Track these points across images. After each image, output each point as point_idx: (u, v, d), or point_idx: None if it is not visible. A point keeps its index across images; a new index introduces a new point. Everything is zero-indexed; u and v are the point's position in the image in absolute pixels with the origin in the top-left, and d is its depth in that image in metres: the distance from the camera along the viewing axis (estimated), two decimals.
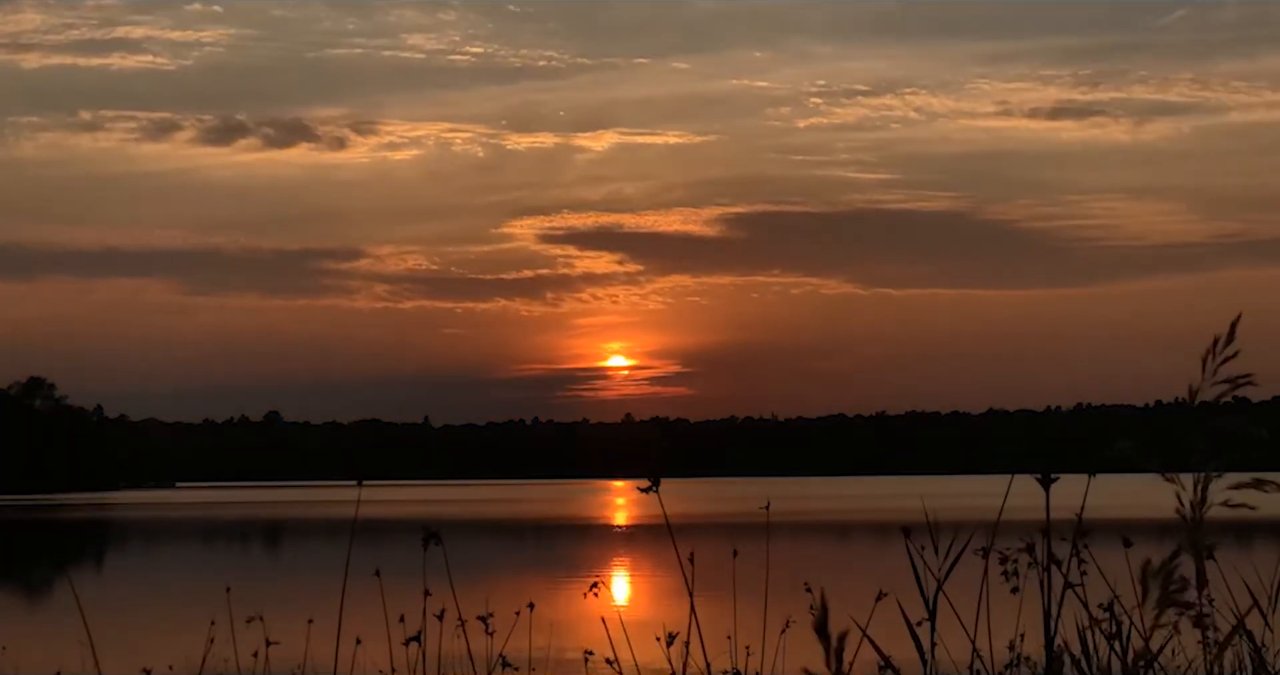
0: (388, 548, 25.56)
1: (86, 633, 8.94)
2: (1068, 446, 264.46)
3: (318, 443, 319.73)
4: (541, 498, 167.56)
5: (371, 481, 54.48)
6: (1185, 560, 2.77)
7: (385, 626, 8.50)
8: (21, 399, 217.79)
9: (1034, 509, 5.66)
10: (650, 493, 5.43)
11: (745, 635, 11.20)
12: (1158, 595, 2.35)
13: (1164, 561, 2.35)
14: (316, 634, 11.73)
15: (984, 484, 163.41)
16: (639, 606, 35.96)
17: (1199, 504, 3.28)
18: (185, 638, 19.81)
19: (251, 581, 46.29)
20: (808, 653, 10.84)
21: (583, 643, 10.45)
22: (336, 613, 7.47)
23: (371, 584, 8.42)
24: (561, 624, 26.97)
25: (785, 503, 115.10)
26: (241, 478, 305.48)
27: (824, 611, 2.43)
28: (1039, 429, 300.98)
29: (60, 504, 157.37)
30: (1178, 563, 2.36)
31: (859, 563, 53.74)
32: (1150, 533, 10.97)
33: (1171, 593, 2.33)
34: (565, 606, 33.04)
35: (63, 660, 21.09)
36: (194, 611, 30.92)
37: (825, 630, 2.32)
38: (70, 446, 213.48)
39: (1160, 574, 2.35)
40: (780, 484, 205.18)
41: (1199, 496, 3.29)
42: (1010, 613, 6.92)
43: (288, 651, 11.13)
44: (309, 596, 37.33)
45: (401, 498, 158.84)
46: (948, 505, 8.13)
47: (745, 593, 11.82)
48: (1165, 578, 2.34)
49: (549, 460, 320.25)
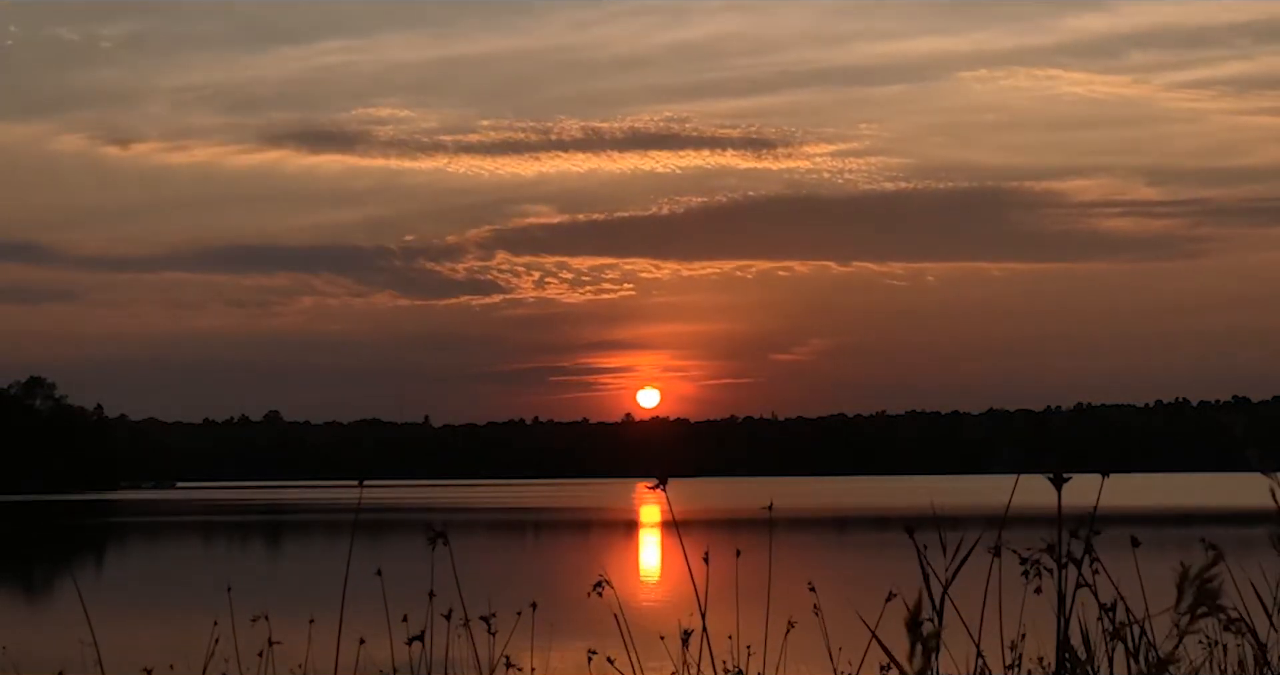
0: (390, 547, 25.60)
1: (90, 632, 8.94)
2: (1070, 447, 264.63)
3: (318, 443, 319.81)
4: (541, 498, 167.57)
5: (372, 481, 54.80)
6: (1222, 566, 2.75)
7: (388, 626, 8.49)
8: (21, 399, 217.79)
9: (1036, 508, 5.66)
10: (658, 490, 5.42)
11: (748, 635, 11.20)
12: (1191, 599, 2.32)
13: (1203, 566, 2.33)
14: (318, 634, 11.73)
15: (984, 484, 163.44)
16: (642, 606, 35.95)
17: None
18: (187, 638, 19.81)
19: (254, 581, 46.29)
20: (810, 653, 10.80)
21: (586, 642, 10.45)
22: (338, 612, 7.47)
23: (373, 583, 8.41)
24: (564, 624, 26.96)
25: (787, 502, 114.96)
26: (241, 478, 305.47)
27: (917, 610, 2.42)
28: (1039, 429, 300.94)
29: (60, 504, 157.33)
30: (1218, 569, 2.33)
31: (863, 563, 53.73)
32: (1153, 533, 10.97)
33: (1208, 598, 2.31)
34: (568, 606, 33.03)
35: (64, 660, 21.09)
36: (196, 611, 30.95)
37: (918, 627, 2.31)
38: (70, 446, 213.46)
39: (1197, 579, 2.33)
40: (780, 484, 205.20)
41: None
42: (1013, 612, 6.91)
43: (290, 651, 11.13)
44: (311, 596, 37.33)
45: (402, 498, 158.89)
46: (952, 504, 8.14)
47: (747, 593, 11.81)
48: (1201, 583, 2.32)
49: (549, 460, 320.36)
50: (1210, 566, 2.30)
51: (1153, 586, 6.44)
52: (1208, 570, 2.27)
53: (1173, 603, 2.42)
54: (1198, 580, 2.25)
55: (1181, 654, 6.16)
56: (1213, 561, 2.32)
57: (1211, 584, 2.28)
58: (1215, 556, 2.45)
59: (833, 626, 9.29)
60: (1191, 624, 2.33)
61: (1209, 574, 2.27)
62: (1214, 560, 2.33)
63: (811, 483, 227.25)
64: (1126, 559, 6.63)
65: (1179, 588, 2.32)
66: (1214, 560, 2.33)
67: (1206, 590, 2.26)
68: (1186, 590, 2.29)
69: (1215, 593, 2.28)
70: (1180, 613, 2.33)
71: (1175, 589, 2.30)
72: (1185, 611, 2.32)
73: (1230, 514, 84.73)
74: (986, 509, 61.03)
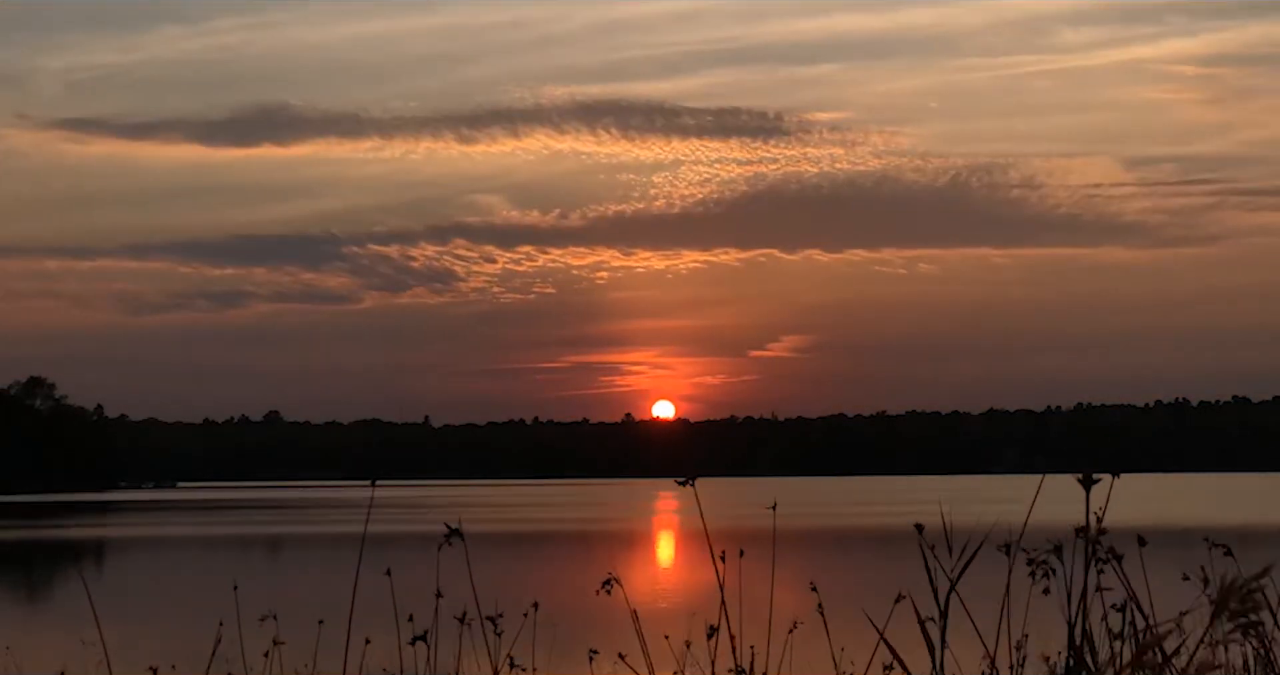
0: (395, 548, 25.61)
1: (99, 631, 8.97)
2: (1068, 447, 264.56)
3: (318, 443, 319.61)
4: (543, 498, 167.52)
5: (378, 482, 54.93)
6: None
7: (395, 626, 8.52)
8: (21, 399, 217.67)
9: (1049, 514, 5.70)
10: (687, 486, 5.47)
11: (750, 635, 11.22)
12: (1230, 611, 2.30)
13: (1249, 577, 2.32)
14: (324, 634, 11.75)
15: (986, 484, 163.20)
16: (644, 605, 35.96)
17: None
18: (191, 638, 19.85)
19: (258, 581, 46.30)
20: (814, 653, 10.84)
21: (591, 642, 10.48)
22: (346, 612, 7.50)
23: (381, 583, 8.44)
24: (570, 623, 26.99)
25: (788, 503, 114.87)
26: (242, 478, 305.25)
27: (944, 618, 2.44)
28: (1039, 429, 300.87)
29: (60, 504, 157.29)
30: (1264, 581, 2.31)
31: (868, 563, 53.74)
32: (1156, 532, 10.98)
33: (1245, 610, 2.29)
34: (575, 605, 33.06)
35: (66, 660, 21.11)
36: (200, 611, 31.03)
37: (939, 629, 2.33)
38: (70, 446, 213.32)
39: (1243, 590, 2.30)
40: (780, 484, 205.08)
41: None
42: (1018, 613, 6.93)
43: (296, 651, 11.16)
44: (318, 596, 37.36)
45: (403, 498, 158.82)
46: (957, 506, 8.15)
47: (748, 592, 11.83)
48: (1246, 594, 2.29)
49: (549, 460, 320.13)
50: (1260, 576, 2.29)
51: (1159, 586, 6.47)
52: (1256, 580, 2.24)
53: (1178, 600, 2.44)
54: (1243, 589, 2.23)
55: (1211, 658, 6.19)
56: (1263, 572, 2.31)
57: (1255, 595, 2.26)
58: (1267, 567, 2.43)
59: (837, 627, 9.31)
60: (1231, 633, 2.31)
61: (1254, 585, 2.24)
62: (1264, 571, 2.32)
63: (811, 483, 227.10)
64: (1132, 558, 6.65)
65: (1221, 598, 2.30)
66: (1264, 571, 2.32)
67: (1249, 601, 2.23)
68: (1227, 600, 2.27)
69: (1256, 606, 2.26)
70: (1221, 622, 2.32)
71: (1212, 599, 2.28)
72: (1226, 620, 2.30)
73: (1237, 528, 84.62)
74: (995, 513, 60.73)
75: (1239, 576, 2.30)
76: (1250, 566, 7.21)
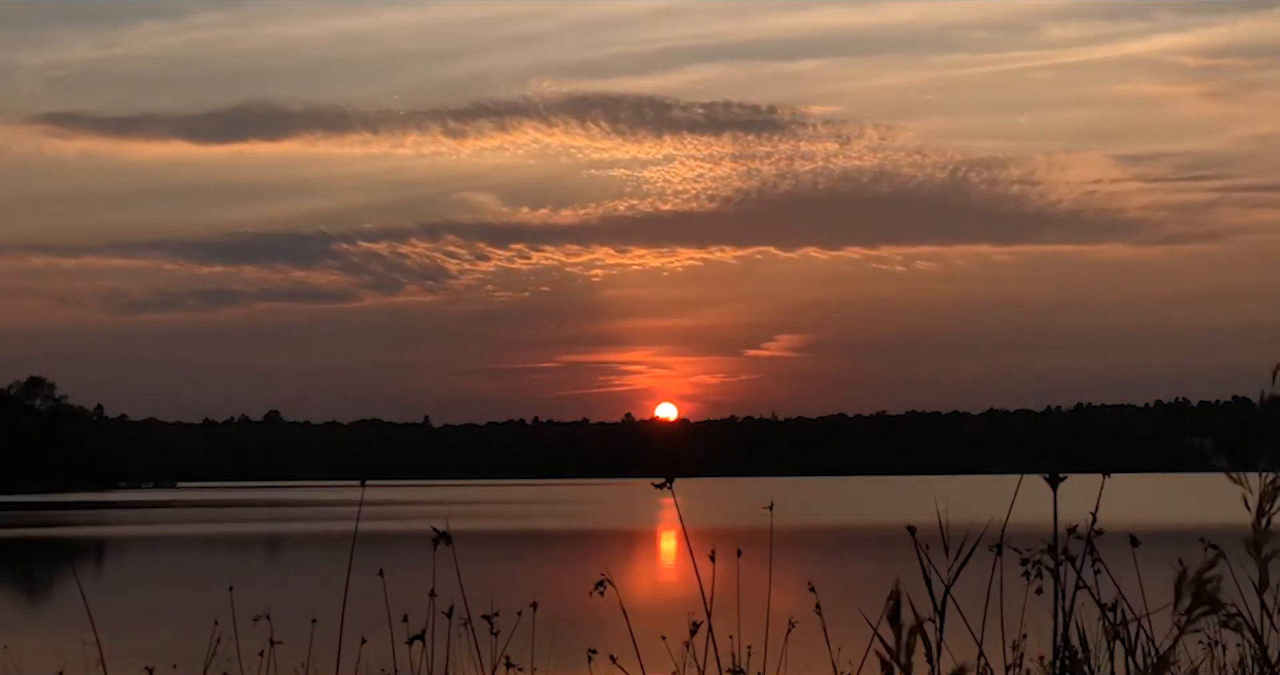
0: (392, 548, 25.61)
1: (94, 631, 8.96)
2: (1069, 447, 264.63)
3: (318, 443, 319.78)
4: (543, 498, 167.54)
5: (372, 481, 54.88)
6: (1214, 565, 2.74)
7: (389, 626, 8.51)
8: (21, 399, 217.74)
9: (1033, 510, 5.68)
10: (664, 489, 5.45)
11: (749, 635, 11.21)
12: (1190, 598, 2.32)
13: (1201, 567, 2.34)
14: (319, 633, 11.74)
15: (985, 484, 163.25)
16: (644, 605, 35.96)
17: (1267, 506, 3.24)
18: (188, 637, 19.82)
19: (256, 581, 46.29)
20: (811, 654, 10.83)
21: (588, 642, 10.47)
22: (339, 612, 7.49)
23: (375, 583, 8.43)
24: (566, 623, 26.98)
25: (787, 503, 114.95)
26: (242, 478, 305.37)
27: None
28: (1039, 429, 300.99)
29: (60, 504, 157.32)
30: (1216, 570, 2.33)
31: (866, 563, 53.74)
32: (1152, 532, 10.99)
33: (1207, 593, 2.31)
34: (570, 605, 33.05)
35: (65, 660, 21.10)
36: (198, 611, 30.99)
37: (898, 620, 2.33)
38: (70, 446, 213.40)
39: (1195, 581, 2.33)
40: (780, 484, 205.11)
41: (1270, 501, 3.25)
42: (1014, 613, 6.93)
43: (291, 651, 11.14)
44: (312, 596, 37.33)
45: (403, 498, 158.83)
46: (952, 507, 8.15)
47: (748, 592, 11.83)
48: (1200, 582, 2.32)
49: (549, 460, 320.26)
50: (1209, 567, 2.32)
51: (1152, 586, 6.46)
52: (1207, 570, 2.28)
53: (1170, 601, 2.44)
54: (1196, 580, 2.27)
55: (1181, 653, 6.18)
56: (1212, 562, 2.34)
57: (1210, 584, 2.29)
58: (1215, 557, 2.46)
59: (833, 626, 9.30)
60: (1189, 624, 2.33)
61: (1209, 575, 2.28)
62: (1213, 561, 2.35)
63: (811, 483, 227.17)
64: (1126, 558, 6.65)
65: (1177, 588, 2.34)
66: (1213, 561, 2.35)
67: (1204, 591, 2.27)
68: (1185, 590, 2.30)
69: (1214, 594, 2.29)
70: (1179, 613, 2.35)
71: (1173, 589, 2.31)
72: (1184, 612, 2.33)
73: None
74: (988, 512, 60.75)
75: (1201, 568, 2.32)
76: (1250, 567, 7.19)
